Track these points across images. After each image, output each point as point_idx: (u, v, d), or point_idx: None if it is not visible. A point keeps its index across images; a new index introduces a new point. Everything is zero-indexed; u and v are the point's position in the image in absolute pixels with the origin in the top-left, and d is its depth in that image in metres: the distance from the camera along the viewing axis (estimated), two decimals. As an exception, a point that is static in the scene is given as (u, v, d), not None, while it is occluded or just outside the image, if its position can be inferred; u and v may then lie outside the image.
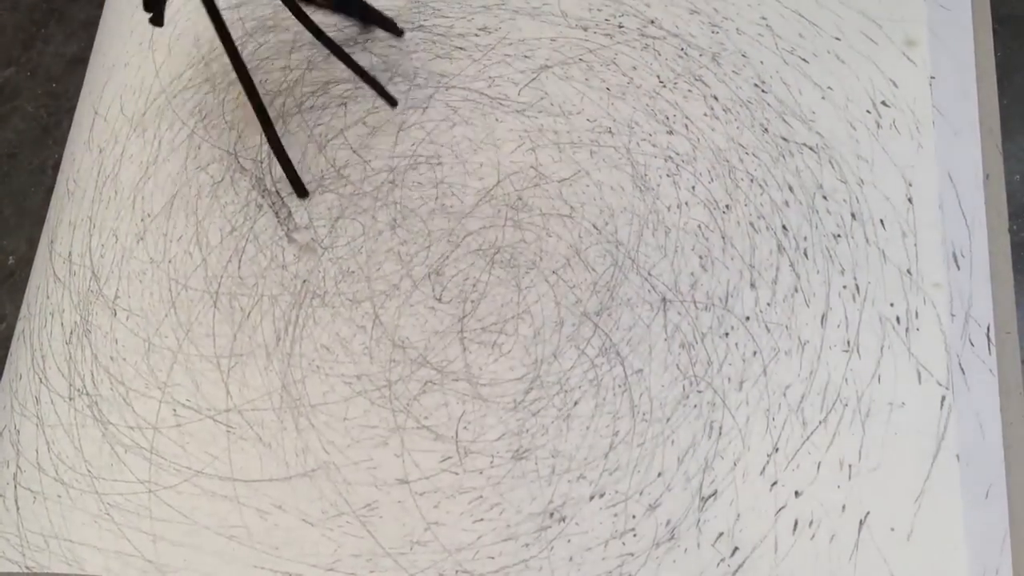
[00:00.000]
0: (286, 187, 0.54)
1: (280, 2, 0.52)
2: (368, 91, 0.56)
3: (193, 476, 0.48)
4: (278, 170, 0.55)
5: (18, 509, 0.49)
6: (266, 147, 0.55)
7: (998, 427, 0.44)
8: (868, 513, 0.43)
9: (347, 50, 0.57)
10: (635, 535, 0.44)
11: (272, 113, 0.56)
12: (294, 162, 0.54)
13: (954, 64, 0.50)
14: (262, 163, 0.55)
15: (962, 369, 0.44)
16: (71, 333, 0.53)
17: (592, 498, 0.45)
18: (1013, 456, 0.43)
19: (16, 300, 0.56)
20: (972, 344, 0.45)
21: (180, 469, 0.48)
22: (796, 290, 0.47)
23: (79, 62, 0.62)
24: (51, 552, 0.48)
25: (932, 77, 0.50)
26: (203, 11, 0.57)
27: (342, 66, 0.57)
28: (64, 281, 0.54)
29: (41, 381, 0.52)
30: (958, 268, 0.46)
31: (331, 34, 0.55)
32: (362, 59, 0.56)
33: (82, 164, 0.58)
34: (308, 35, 0.58)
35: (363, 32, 0.55)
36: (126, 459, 0.49)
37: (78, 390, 0.51)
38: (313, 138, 0.55)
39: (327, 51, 0.57)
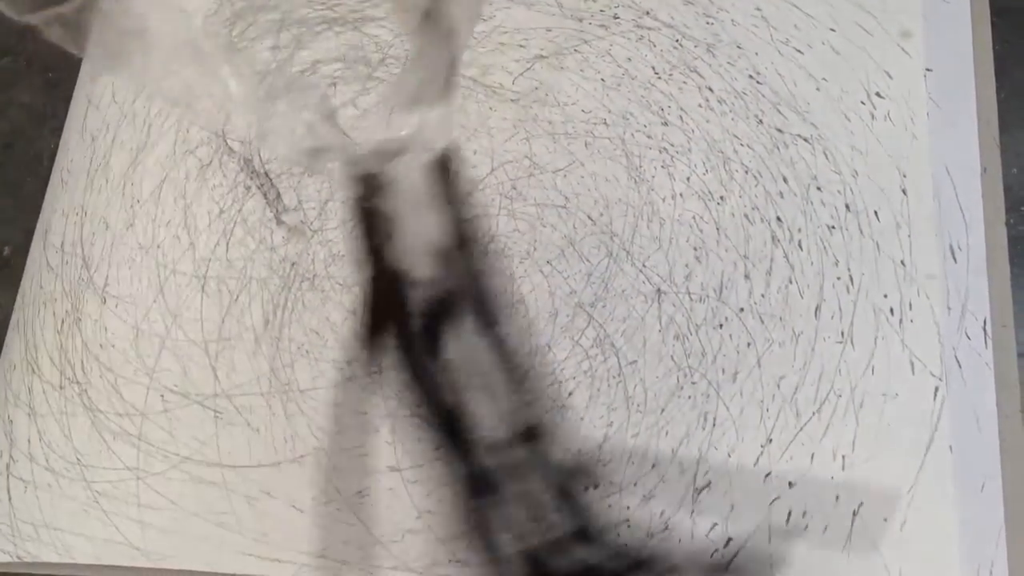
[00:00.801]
0: (275, 168, 0.54)
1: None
2: (360, 71, 0.56)
3: (181, 462, 0.48)
4: (266, 150, 0.55)
5: (10, 499, 0.49)
6: (254, 128, 0.55)
7: (994, 421, 0.44)
8: (861, 504, 0.43)
9: (338, 28, 0.57)
10: (629, 526, 0.44)
11: (261, 93, 0.56)
12: (284, 142, 0.54)
13: (951, 57, 0.50)
14: (250, 143, 0.55)
15: (958, 363, 0.44)
16: (62, 322, 0.53)
17: (587, 489, 0.45)
18: (1009, 450, 0.43)
19: (11, 291, 0.56)
20: (968, 337, 0.45)
21: (168, 455, 0.48)
22: (790, 281, 0.47)
23: (76, 52, 0.62)
24: (41, 541, 0.48)
25: (928, 69, 0.50)
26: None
27: (331, 45, 0.57)
28: (56, 270, 0.54)
29: (33, 371, 0.52)
30: (955, 261, 0.46)
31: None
32: (351, 39, 0.56)
33: (75, 154, 0.58)
34: (297, 13, 0.58)
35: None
36: (114, 446, 0.49)
37: (68, 379, 0.51)
38: (302, 119, 0.55)
39: (316, 29, 0.57)
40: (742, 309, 0.47)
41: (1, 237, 0.59)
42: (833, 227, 0.48)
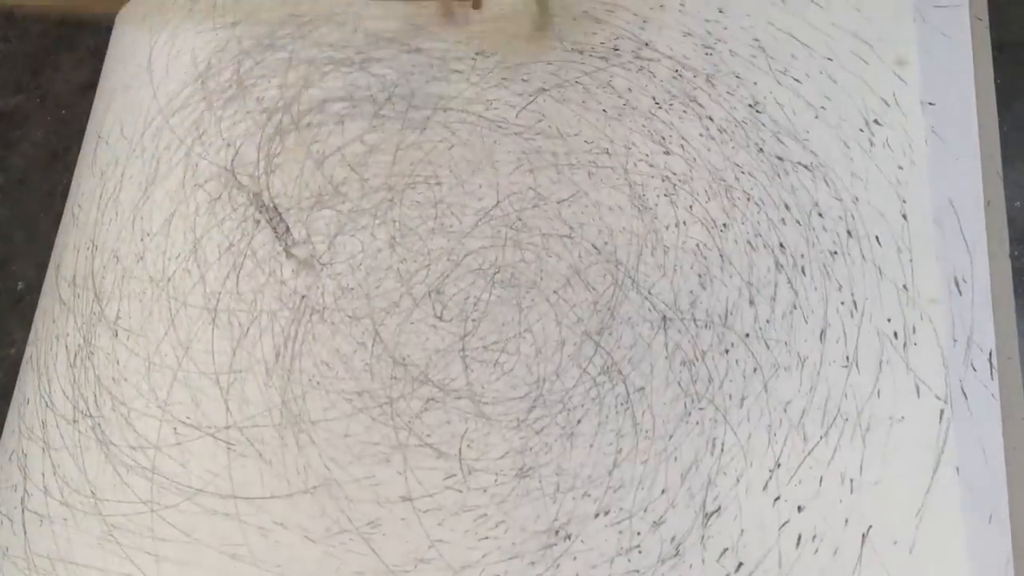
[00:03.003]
0: (284, 202, 0.54)
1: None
2: (366, 109, 0.56)
3: (194, 495, 0.48)
4: (276, 185, 0.55)
5: (25, 533, 0.49)
6: (263, 163, 0.56)
7: (1000, 452, 0.43)
8: (870, 527, 0.43)
9: (344, 68, 0.58)
10: (640, 552, 0.44)
11: (270, 130, 0.57)
12: (291, 177, 0.55)
13: (954, 90, 0.51)
14: (259, 179, 0.56)
15: (964, 394, 0.44)
16: (75, 356, 0.53)
17: (597, 515, 0.45)
18: (1016, 481, 0.43)
19: (25, 325, 0.56)
20: (975, 369, 0.45)
21: (181, 488, 0.48)
22: (795, 307, 0.48)
23: (88, 88, 0.63)
24: (57, 575, 0.48)
25: (931, 103, 0.50)
26: (200, 29, 0.58)
27: (339, 84, 0.58)
28: (68, 304, 0.55)
29: (47, 405, 0.52)
30: (960, 293, 0.46)
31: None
32: (359, 79, 0.57)
33: (86, 188, 0.59)
34: (305, 54, 0.59)
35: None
36: (128, 479, 0.49)
37: (82, 412, 0.51)
38: (310, 155, 0.56)
39: (324, 69, 0.58)
40: (747, 335, 0.48)
41: (15, 272, 0.59)
42: (835, 252, 0.48)
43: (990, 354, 0.45)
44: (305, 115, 0.57)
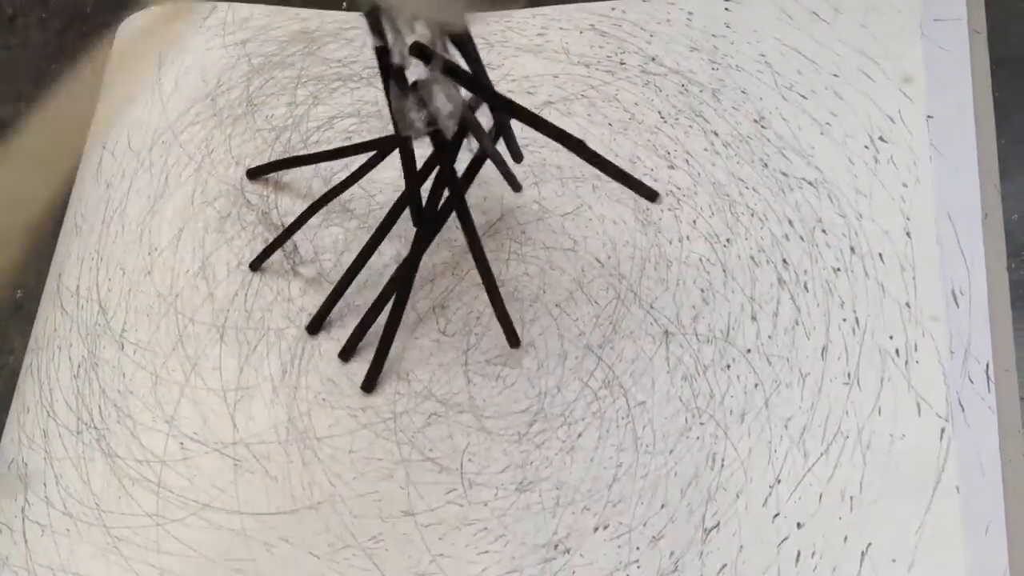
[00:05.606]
0: (292, 220, 0.54)
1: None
2: (374, 125, 0.57)
3: (200, 509, 0.48)
4: (284, 203, 0.56)
5: (26, 543, 0.49)
6: (272, 181, 0.56)
7: (997, 464, 0.44)
8: (870, 544, 0.43)
9: (352, 84, 0.58)
10: (639, 567, 0.44)
11: (279, 148, 0.57)
12: (300, 195, 0.55)
13: (952, 104, 0.51)
14: (268, 197, 0.56)
15: (962, 406, 0.44)
16: (78, 367, 0.53)
17: (596, 530, 0.45)
18: (1012, 493, 0.43)
19: (24, 333, 0.56)
20: (971, 381, 0.45)
21: (187, 502, 0.48)
22: (797, 323, 0.48)
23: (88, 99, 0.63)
24: (59, 586, 0.48)
25: (930, 116, 0.51)
26: (211, 47, 0.58)
27: (347, 100, 0.58)
28: (72, 315, 0.55)
29: (49, 415, 0.52)
30: (957, 306, 0.46)
31: None
32: (366, 94, 0.57)
33: (90, 199, 0.59)
34: (313, 70, 0.59)
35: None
36: (133, 492, 0.49)
37: (85, 423, 0.51)
38: (318, 172, 0.56)
39: (332, 86, 0.58)
40: (749, 350, 0.48)
41: (14, 281, 0.59)
42: (838, 269, 0.48)
43: (987, 366, 0.45)
44: (313, 132, 0.58)
